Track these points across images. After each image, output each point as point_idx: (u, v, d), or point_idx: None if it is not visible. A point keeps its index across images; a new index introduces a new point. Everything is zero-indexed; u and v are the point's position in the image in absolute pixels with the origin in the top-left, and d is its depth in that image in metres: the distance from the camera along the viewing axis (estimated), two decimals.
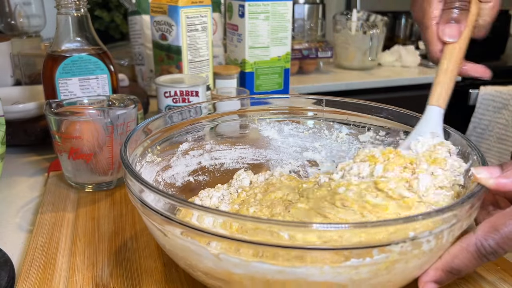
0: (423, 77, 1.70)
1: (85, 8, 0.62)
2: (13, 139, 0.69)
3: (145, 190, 0.33)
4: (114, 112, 0.54)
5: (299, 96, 0.55)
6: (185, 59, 0.78)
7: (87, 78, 0.63)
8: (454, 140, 0.42)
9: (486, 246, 0.33)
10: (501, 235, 0.33)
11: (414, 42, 1.93)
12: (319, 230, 0.29)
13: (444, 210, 0.30)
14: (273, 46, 0.90)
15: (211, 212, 0.30)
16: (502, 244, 0.33)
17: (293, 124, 0.55)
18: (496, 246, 0.33)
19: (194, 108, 0.51)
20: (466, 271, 0.34)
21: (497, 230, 0.33)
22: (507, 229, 0.32)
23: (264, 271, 0.30)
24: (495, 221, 0.33)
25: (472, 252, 0.33)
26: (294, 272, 0.30)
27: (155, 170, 0.46)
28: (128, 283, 0.40)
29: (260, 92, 0.92)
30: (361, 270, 0.30)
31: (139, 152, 0.44)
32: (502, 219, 0.33)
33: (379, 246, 0.29)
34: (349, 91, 1.55)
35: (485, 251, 0.33)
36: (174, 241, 0.33)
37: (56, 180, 0.60)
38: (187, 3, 0.76)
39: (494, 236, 0.33)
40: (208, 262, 0.32)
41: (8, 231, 0.51)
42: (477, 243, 0.33)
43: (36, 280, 0.40)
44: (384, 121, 0.50)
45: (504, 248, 0.33)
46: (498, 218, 0.33)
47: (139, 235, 0.47)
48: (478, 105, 1.71)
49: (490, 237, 0.33)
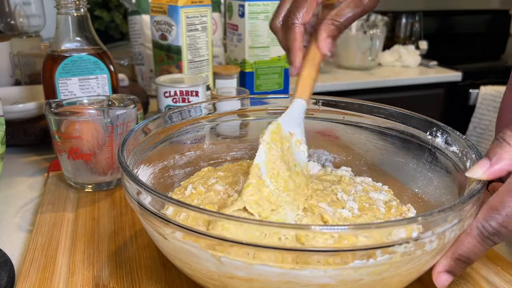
0: (423, 77, 1.70)
1: (85, 8, 0.62)
2: (13, 139, 0.69)
3: (142, 192, 0.33)
4: (114, 112, 0.54)
5: None
6: (185, 59, 0.78)
7: (87, 78, 0.63)
8: (453, 140, 0.42)
9: (488, 227, 0.33)
10: (500, 214, 0.33)
11: (414, 42, 1.93)
12: (323, 232, 0.29)
13: (445, 210, 0.30)
14: (273, 46, 0.90)
15: (209, 214, 0.30)
16: (504, 223, 0.33)
17: None
18: (498, 226, 0.33)
19: (194, 108, 0.51)
20: (475, 257, 0.34)
21: (496, 210, 0.33)
22: (506, 208, 0.32)
23: (267, 273, 0.30)
24: (493, 202, 0.33)
25: (475, 235, 0.33)
26: (297, 274, 0.29)
27: (154, 171, 0.46)
28: (128, 283, 0.40)
29: (260, 92, 0.92)
30: (364, 271, 0.30)
31: (138, 152, 0.43)
32: (499, 198, 0.33)
33: (382, 247, 0.29)
34: (349, 91, 1.55)
35: (487, 232, 0.33)
36: (173, 244, 0.33)
37: (56, 180, 0.60)
38: (187, 3, 0.76)
39: (495, 216, 0.33)
40: (210, 265, 0.31)
41: (8, 231, 0.51)
42: (479, 226, 0.33)
43: (36, 280, 0.40)
44: (384, 121, 0.50)
45: (506, 227, 0.33)
46: (495, 199, 0.33)
47: (139, 235, 0.47)
48: (478, 105, 1.71)
49: (491, 217, 0.33)
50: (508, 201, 0.33)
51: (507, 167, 0.34)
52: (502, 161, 0.34)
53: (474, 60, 2.03)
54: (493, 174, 0.34)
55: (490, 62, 2.07)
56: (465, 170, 0.38)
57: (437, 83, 1.72)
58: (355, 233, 0.29)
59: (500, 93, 1.66)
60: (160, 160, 0.47)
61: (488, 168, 0.34)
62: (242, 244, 0.29)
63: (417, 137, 0.47)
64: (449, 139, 0.43)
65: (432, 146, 0.45)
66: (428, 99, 1.73)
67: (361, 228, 0.29)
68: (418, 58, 1.81)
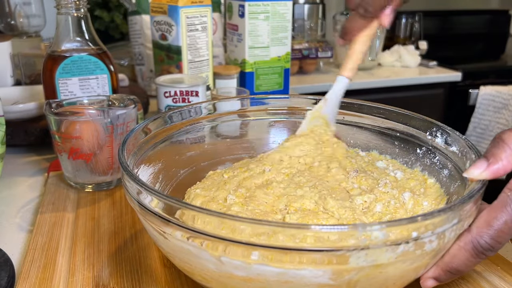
0: (423, 77, 1.70)
1: (85, 8, 0.62)
2: (13, 139, 0.69)
3: (142, 192, 0.33)
4: (114, 112, 0.54)
5: (299, 96, 0.55)
6: (185, 59, 0.79)
7: (87, 78, 0.63)
8: (453, 140, 0.42)
9: (482, 243, 0.33)
10: (494, 230, 0.33)
11: (414, 42, 1.93)
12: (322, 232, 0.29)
13: (445, 210, 0.30)
14: (273, 46, 0.90)
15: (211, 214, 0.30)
16: (497, 238, 0.33)
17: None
18: (491, 241, 0.33)
19: (194, 108, 0.51)
20: (466, 270, 0.34)
21: (490, 225, 0.33)
22: (499, 223, 0.32)
23: (267, 273, 0.30)
24: (487, 216, 0.33)
25: (469, 250, 0.33)
26: (296, 274, 0.29)
27: (154, 171, 0.46)
28: (128, 283, 0.40)
29: (260, 92, 0.92)
30: (363, 272, 0.30)
31: (138, 152, 0.43)
32: (493, 213, 0.33)
33: (381, 247, 0.29)
34: (349, 91, 1.54)
35: (482, 248, 0.33)
36: (173, 243, 0.33)
37: (56, 180, 0.60)
38: (187, 3, 0.76)
39: (488, 231, 0.33)
40: (209, 264, 0.31)
41: (8, 231, 0.51)
42: (473, 241, 0.33)
43: (36, 280, 0.40)
44: (384, 121, 0.50)
45: (499, 242, 0.33)
46: (489, 212, 0.33)
47: (139, 235, 0.47)
48: (478, 105, 1.71)
49: (485, 233, 0.33)
50: (502, 216, 0.33)
51: (504, 168, 0.34)
52: (499, 161, 0.34)
53: (474, 60, 2.04)
54: (490, 175, 0.34)
55: (490, 62, 2.08)
56: (465, 170, 0.38)
57: (437, 83, 1.72)
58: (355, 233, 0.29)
59: (500, 93, 1.66)
60: (160, 160, 0.47)
61: (485, 169, 0.34)
62: (241, 244, 0.29)
63: (417, 137, 0.47)
64: (449, 139, 0.43)
65: (432, 146, 0.45)
66: (428, 99, 1.73)
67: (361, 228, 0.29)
68: (418, 58, 1.81)
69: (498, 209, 0.33)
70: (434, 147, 0.45)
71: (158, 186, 0.46)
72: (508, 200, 0.33)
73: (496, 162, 0.34)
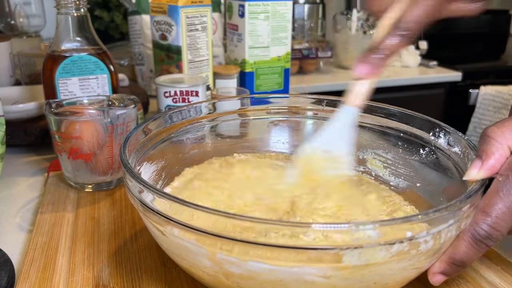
0: (423, 77, 1.70)
1: (85, 8, 0.62)
2: (13, 139, 0.69)
3: (144, 191, 0.33)
4: (114, 112, 0.54)
5: (299, 96, 0.55)
6: (185, 59, 0.78)
7: (87, 78, 0.63)
8: (455, 140, 0.42)
9: (479, 231, 0.33)
10: (489, 216, 0.33)
11: (414, 42, 1.93)
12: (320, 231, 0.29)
13: (441, 210, 0.30)
14: (273, 46, 0.90)
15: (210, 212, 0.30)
16: (493, 225, 0.33)
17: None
18: (489, 229, 0.33)
19: (194, 108, 0.51)
20: (469, 261, 0.34)
21: (486, 213, 0.33)
22: (493, 208, 0.33)
23: (262, 270, 0.30)
24: (483, 205, 0.33)
25: (468, 240, 0.33)
26: (290, 271, 0.30)
27: (155, 169, 0.46)
28: (128, 283, 0.40)
29: (260, 92, 0.92)
30: (357, 270, 0.30)
31: (139, 152, 0.43)
32: (486, 200, 0.33)
33: (376, 246, 0.29)
34: None
35: (479, 236, 0.33)
36: (172, 240, 0.33)
37: (56, 180, 0.60)
38: (187, 3, 0.76)
39: (485, 219, 0.33)
40: (206, 261, 0.32)
41: (8, 231, 0.51)
42: (470, 229, 0.33)
43: (36, 280, 0.40)
44: (384, 121, 0.50)
45: (498, 229, 0.33)
46: (484, 201, 0.33)
47: (139, 235, 0.47)
48: (478, 105, 1.71)
49: (482, 221, 0.33)
50: (496, 202, 0.33)
51: (499, 161, 0.34)
52: (491, 156, 0.34)
53: (474, 60, 2.03)
54: (487, 172, 0.34)
55: (490, 62, 2.07)
56: (466, 170, 0.38)
57: (437, 83, 1.72)
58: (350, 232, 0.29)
59: (500, 93, 1.66)
60: (160, 160, 0.47)
61: (481, 167, 0.34)
62: (237, 241, 0.29)
63: (420, 138, 0.47)
64: (451, 139, 0.43)
65: (435, 146, 0.45)
66: (428, 99, 1.73)
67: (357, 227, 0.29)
68: (418, 58, 1.81)
69: (491, 196, 0.33)
70: (436, 148, 0.45)
71: (161, 184, 0.46)
72: (499, 185, 0.33)
73: (489, 158, 0.34)
